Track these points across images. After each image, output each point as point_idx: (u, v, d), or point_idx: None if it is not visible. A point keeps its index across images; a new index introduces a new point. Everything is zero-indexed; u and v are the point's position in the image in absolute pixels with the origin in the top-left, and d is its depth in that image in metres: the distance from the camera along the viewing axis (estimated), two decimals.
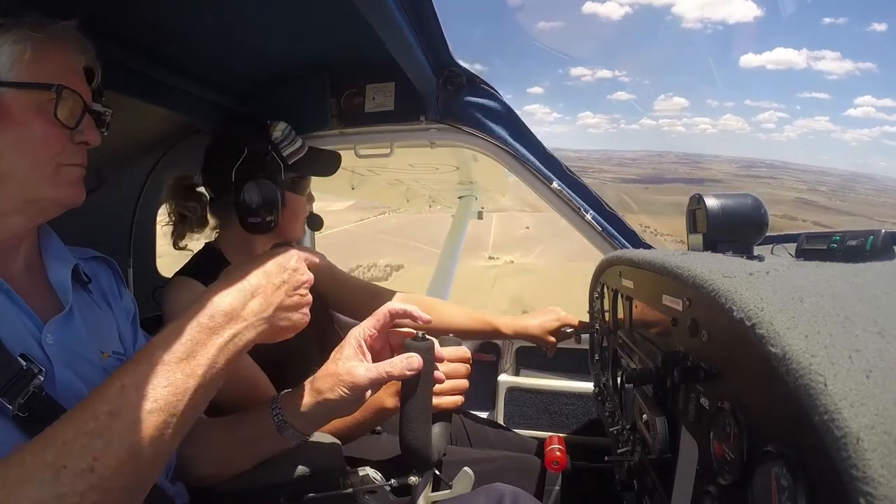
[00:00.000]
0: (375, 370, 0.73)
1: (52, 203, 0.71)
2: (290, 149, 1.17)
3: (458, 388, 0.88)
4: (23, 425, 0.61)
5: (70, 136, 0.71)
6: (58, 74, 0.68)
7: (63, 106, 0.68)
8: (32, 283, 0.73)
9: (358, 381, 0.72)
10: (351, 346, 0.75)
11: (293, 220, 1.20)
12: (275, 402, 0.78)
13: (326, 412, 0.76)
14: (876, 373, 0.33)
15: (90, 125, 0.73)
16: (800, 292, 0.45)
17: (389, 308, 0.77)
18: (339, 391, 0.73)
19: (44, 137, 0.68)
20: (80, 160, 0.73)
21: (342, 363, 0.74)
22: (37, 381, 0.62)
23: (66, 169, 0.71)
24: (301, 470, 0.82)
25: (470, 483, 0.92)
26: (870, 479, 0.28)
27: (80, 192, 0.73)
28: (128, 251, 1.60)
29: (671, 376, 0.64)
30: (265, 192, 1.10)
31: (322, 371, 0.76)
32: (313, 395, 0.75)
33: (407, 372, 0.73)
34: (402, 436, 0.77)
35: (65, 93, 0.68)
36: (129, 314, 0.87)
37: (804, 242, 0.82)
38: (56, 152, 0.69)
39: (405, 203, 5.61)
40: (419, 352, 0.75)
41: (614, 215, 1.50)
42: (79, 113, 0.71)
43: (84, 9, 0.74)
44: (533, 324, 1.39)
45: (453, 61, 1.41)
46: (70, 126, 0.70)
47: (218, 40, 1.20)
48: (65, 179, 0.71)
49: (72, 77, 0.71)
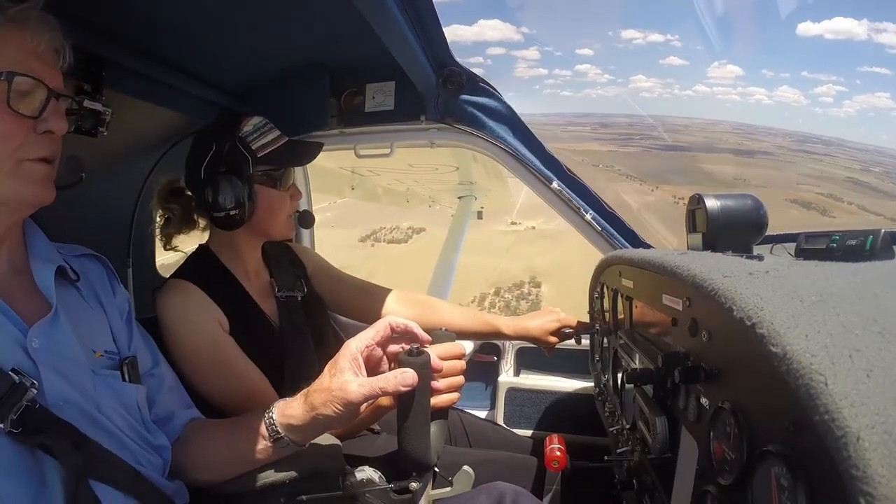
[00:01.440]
0: (368, 386, 0.71)
1: (16, 202, 0.67)
2: (259, 142, 1.13)
3: (454, 386, 0.87)
4: (16, 440, 0.60)
5: (33, 127, 0.65)
6: (15, 60, 0.63)
7: (20, 95, 0.63)
8: (19, 286, 0.71)
9: (350, 397, 0.71)
10: (346, 360, 0.73)
11: (270, 216, 1.15)
12: (270, 412, 0.78)
13: (320, 426, 0.75)
14: (876, 372, 0.33)
15: (55, 112, 0.67)
16: (800, 292, 0.45)
17: (391, 322, 0.75)
18: (333, 407, 0.71)
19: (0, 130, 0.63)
20: (46, 152, 0.68)
21: (336, 378, 0.72)
22: (30, 394, 0.61)
23: (29, 165, 0.66)
24: (301, 470, 0.82)
25: (470, 482, 0.92)
26: (870, 479, 0.28)
27: (46, 190, 0.69)
28: (127, 251, 1.60)
29: (671, 376, 0.64)
30: (227, 187, 1.08)
31: (316, 384, 0.75)
32: (307, 409, 0.74)
33: (402, 388, 0.71)
34: (401, 446, 0.76)
35: (19, 80, 0.63)
36: (123, 312, 0.85)
37: (803, 242, 0.82)
38: (15, 146, 0.64)
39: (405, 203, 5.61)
40: (414, 367, 0.73)
41: (614, 215, 1.50)
42: (41, 100, 0.65)
43: (84, 9, 0.74)
44: (533, 325, 1.39)
45: (453, 60, 1.41)
46: (31, 115, 0.64)
47: (218, 39, 1.20)
48: (27, 177, 0.66)
49: (32, 62, 0.65)
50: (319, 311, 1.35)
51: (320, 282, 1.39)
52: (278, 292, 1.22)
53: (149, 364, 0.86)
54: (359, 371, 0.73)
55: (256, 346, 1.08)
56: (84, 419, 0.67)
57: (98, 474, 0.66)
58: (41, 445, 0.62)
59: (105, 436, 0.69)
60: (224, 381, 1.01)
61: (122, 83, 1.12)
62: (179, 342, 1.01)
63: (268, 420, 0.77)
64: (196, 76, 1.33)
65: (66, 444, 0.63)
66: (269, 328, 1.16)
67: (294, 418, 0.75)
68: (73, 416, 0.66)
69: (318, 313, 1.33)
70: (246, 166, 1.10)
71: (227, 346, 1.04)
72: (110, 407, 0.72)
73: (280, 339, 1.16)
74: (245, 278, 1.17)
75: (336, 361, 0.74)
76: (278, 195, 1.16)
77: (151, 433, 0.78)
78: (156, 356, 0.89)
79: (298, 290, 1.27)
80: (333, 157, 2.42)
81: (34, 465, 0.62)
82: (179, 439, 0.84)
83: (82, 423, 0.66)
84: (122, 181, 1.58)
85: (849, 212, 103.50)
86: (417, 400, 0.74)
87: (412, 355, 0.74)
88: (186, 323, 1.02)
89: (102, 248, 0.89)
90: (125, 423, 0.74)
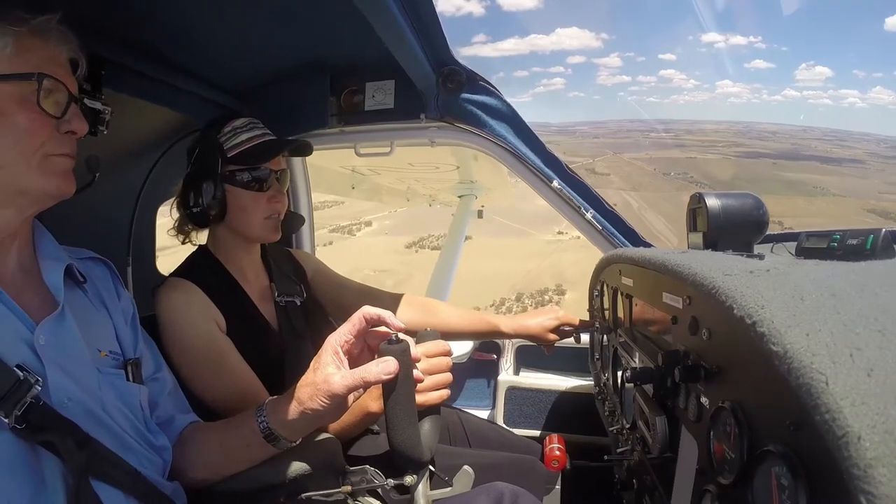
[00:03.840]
0: (351, 377, 0.72)
1: (41, 193, 0.71)
2: (232, 142, 1.13)
3: (442, 383, 0.87)
4: (20, 436, 0.61)
5: (56, 126, 0.70)
6: (40, 65, 0.68)
7: (47, 95, 0.68)
8: (26, 284, 0.72)
9: (334, 389, 0.72)
10: (328, 354, 0.75)
11: (243, 217, 1.14)
12: (260, 410, 0.79)
13: (309, 421, 0.76)
14: (877, 371, 0.32)
15: (76, 114, 0.73)
16: (800, 290, 0.45)
17: (364, 313, 0.77)
18: (318, 401, 0.73)
19: (29, 127, 0.67)
20: (68, 150, 0.72)
21: (320, 372, 0.74)
22: (34, 390, 0.62)
23: (54, 159, 0.70)
24: (300, 469, 0.82)
25: (470, 482, 0.92)
26: (871, 479, 0.28)
27: (69, 183, 0.73)
28: (127, 250, 1.60)
29: (671, 375, 0.64)
30: (194, 185, 1.11)
31: (302, 380, 0.76)
32: (295, 405, 0.75)
33: (383, 377, 0.73)
34: (391, 440, 0.76)
35: (47, 82, 0.68)
36: (127, 316, 0.86)
37: (804, 241, 0.82)
38: (42, 142, 0.69)
39: (405, 203, 5.61)
40: (394, 355, 0.74)
41: (614, 214, 1.50)
42: (64, 102, 0.70)
43: (84, 8, 0.74)
44: (532, 323, 1.38)
45: (453, 59, 1.41)
46: (55, 115, 0.69)
47: (218, 39, 1.20)
48: (52, 169, 0.70)
49: (55, 68, 0.70)
50: (319, 316, 1.35)
51: (320, 287, 1.39)
52: (278, 297, 1.22)
53: (151, 368, 0.87)
54: (340, 364, 0.75)
55: (253, 346, 1.08)
56: (88, 418, 0.67)
57: (100, 473, 0.67)
58: (45, 443, 0.62)
59: (108, 435, 0.70)
60: (218, 379, 1.01)
61: (122, 83, 1.12)
62: (176, 339, 1.01)
63: (259, 417, 0.78)
64: (196, 76, 1.33)
65: (70, 442, 0.63)
66: (267, 331, 1.16)
67: (284, 414, 0.76)
68: (77, 414, 0.66)
69: (318, 318, 1.33)
70: (216, 166, 1.11)
71: (223, 345, 1.04)
72: (114, 406, 0.73)
73: (278, 342, 1.16)
74: (244, 281, 1.17)
75: (319, 357, 0.76)
76: (250, 196, 1.14)
77: (153, 434, 0.79)
78: (158, 361, 0.90)
79: (298, 295, 1.27)
80: (333, 157, 2.42)
81: (35, 462, 0.62)
82: (177, 442, 0.84)
83: (86, 422, 0.67)
84: (123, 180, 1.58)
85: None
86: (400, 388, 0.75)
87: (391, 343, 0.76)
88: (183, 321, 1.02)
89: (102, 248, 0.89)
90: (128, 422, 0.74)
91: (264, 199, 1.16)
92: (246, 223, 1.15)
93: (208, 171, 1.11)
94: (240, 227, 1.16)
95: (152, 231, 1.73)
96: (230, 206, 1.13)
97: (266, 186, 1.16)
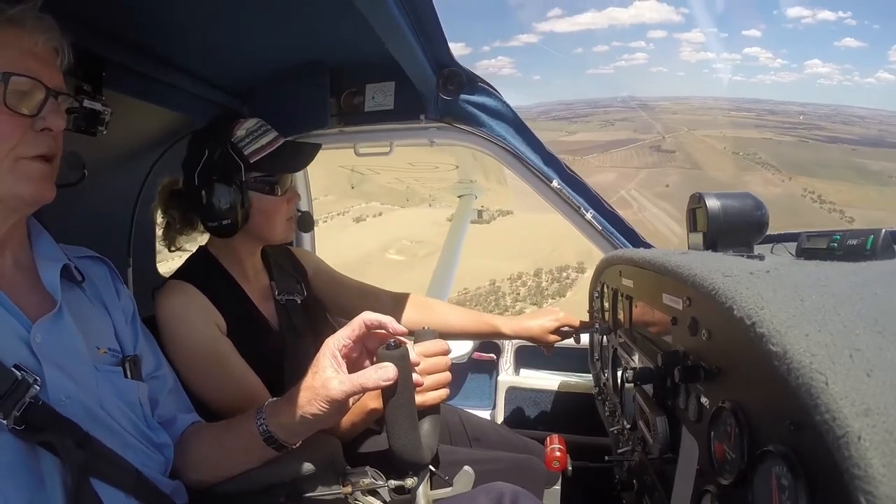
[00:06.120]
0: (349, 383, 0.72)
1: (14, 201, 0.67)
2: (251, 147, 1.11)
3: (440, 382, 0.87)
4: (20, 437, 0.60)
5: (31, 125, 0.66)
6: (12, 61, 0.64)
7: (17, 94, 0.64)
8: (23, 283, 0.71)
9: (333, 394, 0.71)
10: (326, 358, 0.74)
11: (266, 222, 1.13)
12: (260, 413, 0.78)
13: (308, 425, 0.75)
14: (877, 371, 0.33)
15: (53, 110, 0.67)
16: (800, 291, 0.45)
17: (364, 319, 0.76)
18: (317, 405, 0.72)
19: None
20: (44, 149, 0.68)
21: (318, 376, 0.73)
22: (32, 390, 0.61)
23: (26, 163, 0.66)
24: (301, 469, 0.82)
25: (470, 482, 0.92)
26: (871, 479, 0.28)
27: (44, 189, 0.69)
28: (127, 251, 1.60)
29: (671, 375, 0.64)
30: (219, 195, 1.06)
31: (301, 384, 0.75)
32: (294, 408, 0.74)
33: (382, 383, 0.72)
34: (391, 444, 0.76)
35: (16, 80, 0.64)
36: (127, 314, 0.85)
37: (804, 241, 0.82)
38: (12, 145, 0.65)
39: (405, 202, 5.60)
40: (392, 361, 0.73)
41: (614, 214, 1.50)
42: (39, 100, 0.66)
43: (84, 8, 0.74)
44: (533, 324, 1.39)
45: (453, 60, 1.41)
46: (28, 114, 0.65)
47: (218, 39, 1.20)
48: (24, 175, 0.66)
49: (30, 61, 0.66)
50: (319, 314, 1.34)
51: (321, 285, 1.39)
52: (278, 296, 1.21)
53: (152, 366, 0.87)
54: (339, 368, 0.74)
55: (254, 348, 1.08)
56: (87, 416, 0.67)
57: (100, 473, 0.66)
58: (44, 443, 0.62)
59: (107, 433, 0.69)
60: (219, 381, 1.01)
61: (122, 83, 1.12)
62: (176, 342, 1.01)
63: (258, 420, 0.78)
64: (196, 76, 1.33)
65: (69, 441, 0.63)
66: (268, 330, 1.16)
67: (282, 418, 0.76)
68: (76, 412, 0.66)
69: (319, 317, 1.33)
70: (238, 173, 1.08)
71: (224, 347, 1.04)
72: (113, 403, 0.72)
73: (279, 341, 1.16)
74: (244, 281, 1.17)
75: (317, 360, 0.75)
76: (274, 200, 1.13)
77: (153, 431, 0.79)
78: (159, 359, 0.90)
79: (298, 293, 1.27)
80: (333, 156, 2.42)
81: (34, 462, 0.62)
82: (178, 442, 0.84)
83: (85, 420, 0.66)
84: (122, 181, 1.58)
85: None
86: (400, 392, 0.74)
87: (390, 349, 0.75)
88: (184, 323, 1.02)
89: (102, 248, 0.89)
90: (127, 419, 0.74)
91: (284, 202, 1.15)
92: (269, 227, 1.14)
93: (231, 179, 1.07)
94: (262, 232, 1.15)
95: (152, 231, 1.72)
96: (253, 213, 1.11)
97: (284, 189, 1.16)
